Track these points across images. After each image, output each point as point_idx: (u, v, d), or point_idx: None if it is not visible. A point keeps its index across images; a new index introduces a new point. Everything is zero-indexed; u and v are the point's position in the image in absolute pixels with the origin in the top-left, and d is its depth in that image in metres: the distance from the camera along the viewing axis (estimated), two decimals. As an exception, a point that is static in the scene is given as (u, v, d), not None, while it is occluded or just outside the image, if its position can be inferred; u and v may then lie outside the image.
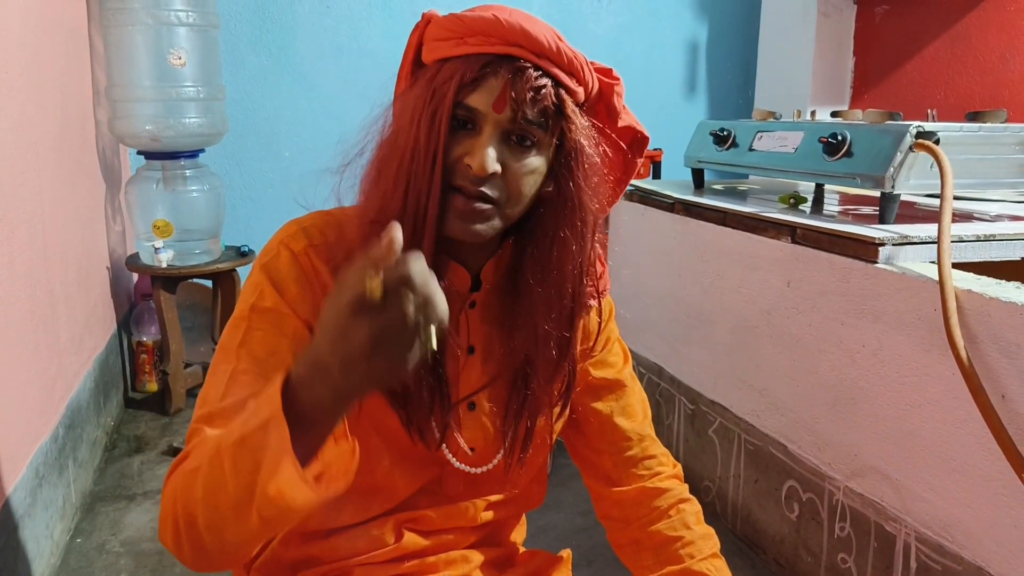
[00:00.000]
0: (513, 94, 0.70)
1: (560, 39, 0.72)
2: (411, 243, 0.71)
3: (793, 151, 1.70)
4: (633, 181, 2.40)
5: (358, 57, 3.03)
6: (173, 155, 2.42)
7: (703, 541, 0.91)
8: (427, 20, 0.76)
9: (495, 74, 0.70)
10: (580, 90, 0.75)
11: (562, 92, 0.73)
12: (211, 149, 2.59)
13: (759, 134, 1.84)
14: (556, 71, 0.72)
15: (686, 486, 0.97)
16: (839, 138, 1.54)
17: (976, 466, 1.21)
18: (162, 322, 2.45)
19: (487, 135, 0.71)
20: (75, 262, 2.06)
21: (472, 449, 0.84)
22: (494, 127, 0.71)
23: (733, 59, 3.52)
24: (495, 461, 0.85)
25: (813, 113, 1.97)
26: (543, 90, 0.71)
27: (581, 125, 0.75)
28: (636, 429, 0.94)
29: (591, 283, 0.83)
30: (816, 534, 1.56)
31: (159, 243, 2.39)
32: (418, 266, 0.52)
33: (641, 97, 3.38)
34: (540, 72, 0.71)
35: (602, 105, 0.80)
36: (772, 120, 1.91)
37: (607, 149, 0.79)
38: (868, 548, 1.43)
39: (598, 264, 0.85)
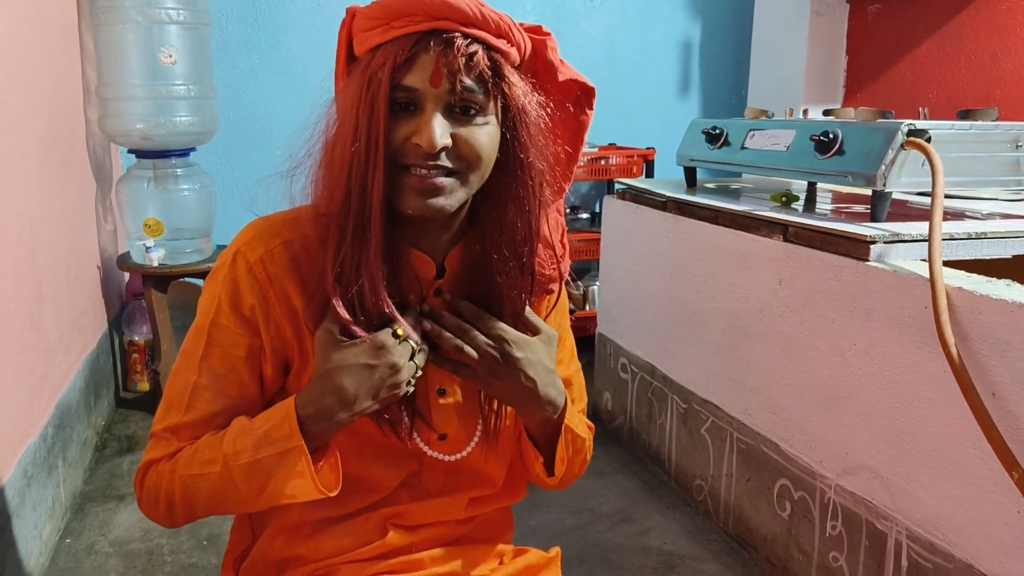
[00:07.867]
0: (446, 65, 0.71)
1: (483, 5, 0.73)
2: (358, 231, 0.74)
3: (785, 149, 1.69)
4: (625, 180, 2.40)
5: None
6: (164, 154, 2.41)
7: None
8: (352, 14, 0.77)
9: (426, 50, 0.71)
10: (513, 51, 0.76)
11: (495, 55, 0.74)
12: (202, 148, 2.57)
13: (751, 132, 1.83)
14: (485, 36, 0.73)
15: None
16: (831, 136, 1.54)
17: (967, 464, 1.21)
18: (153, 321, 2.43)
19: (430, 111, 0.72)
20: (64, 261, 2.04)
21: (444, 435, 0.84)
22: (435, 102, 0.72)
23: (726, 58, 3.52)
24: (470, 447, 0.86)
25: (805, 111, 1.97)
26: (475, 56, 0.72)
27: (520, 85, 0.76)
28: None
29: (552, 261, 0.84)
30: (808, 532, 1.56)
31: (150, 242, 2.38)
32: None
33: (634, 96, 3.38)
34: (469, 40, 0.72)
35: (539, 64, 0.81)
36: (764, 119, 1.91)
37: (552, 106, 0.80)
38: (859, 546, 1.43)
39: (558, 245, 0.86)
